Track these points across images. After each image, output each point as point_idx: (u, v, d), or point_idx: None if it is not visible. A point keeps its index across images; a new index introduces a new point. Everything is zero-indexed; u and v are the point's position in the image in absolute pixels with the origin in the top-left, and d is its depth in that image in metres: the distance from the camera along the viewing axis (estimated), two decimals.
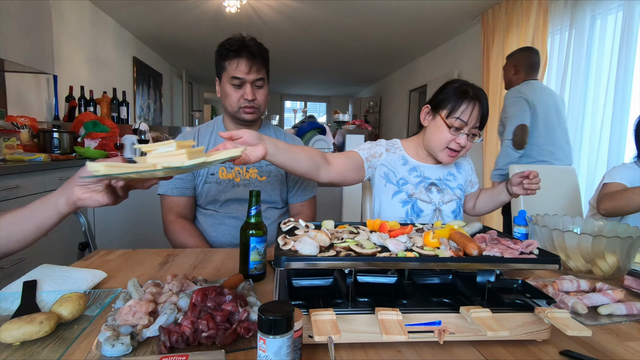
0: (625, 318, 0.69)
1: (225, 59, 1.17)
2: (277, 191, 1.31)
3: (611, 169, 1.49)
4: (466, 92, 1.11)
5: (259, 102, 1.22)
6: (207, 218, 1.29)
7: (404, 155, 1.26)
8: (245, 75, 1.16)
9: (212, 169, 1.26)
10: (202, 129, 1.33)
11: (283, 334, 0.42)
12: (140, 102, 4.85)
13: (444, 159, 1.15)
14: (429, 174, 1.25)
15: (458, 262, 0.58)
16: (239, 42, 1.15)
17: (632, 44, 2.24)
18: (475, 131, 1.13)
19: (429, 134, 1.18)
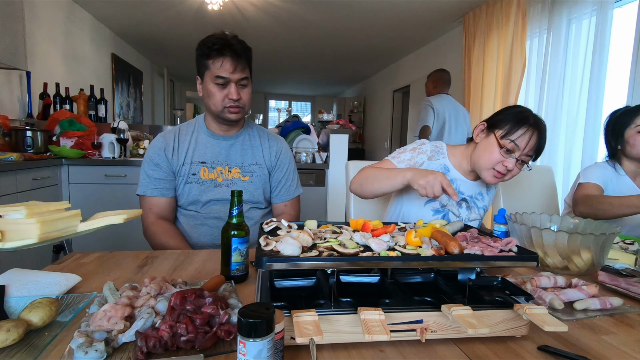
0: (600, 312, 0.71)
1: (208, 58, 1.13)
2: (260, 191, 1.30)
3: (585, 168, 1.54)
4: (527, 118, 1.10)
5: (244, 101, 1.20)
6: (188, 219, 1.26)
7: (446, 165, 1.25)
8: (230, 75, 1.13)
9: (194, 169, 1.23)
10: (184, 128, 1.30)
11: (263, 337, 0.42)
12: (120, 100, 4.72)
13: (489, 178, 1.14)
14: (464, 189, 1.25)
15: (440, 261, 0.59)
16: (222, 41, 1.12)
17: (604, 47, 2.33)
18: (526, 159, 1.11)
19: (479, 151, 1.16)
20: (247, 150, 1.30)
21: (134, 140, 3.05)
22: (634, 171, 1.49)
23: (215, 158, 1.25)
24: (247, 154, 1.29)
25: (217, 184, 1.24)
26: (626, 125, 1.47)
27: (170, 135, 1.27)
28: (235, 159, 1.27)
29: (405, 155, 1.24)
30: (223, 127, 1.27)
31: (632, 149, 1.44)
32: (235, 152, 1.28)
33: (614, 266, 0.95)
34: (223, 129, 1.27)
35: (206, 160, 1.25)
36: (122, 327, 0.56)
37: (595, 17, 2.39)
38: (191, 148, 1.25)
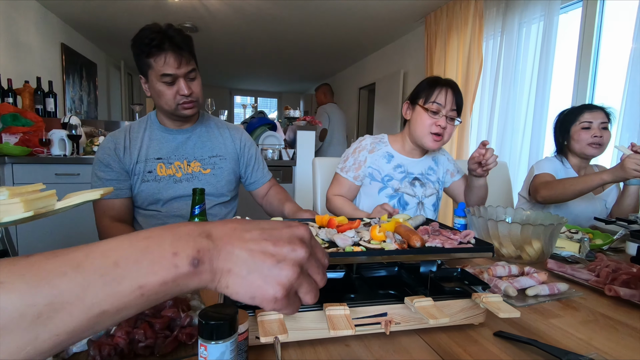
0: (549, 297, 0.76)
1: (149, 56, 1.06)
2: (224, 183, 1.26)
3: (538, 162, 1.65)
4: (437, 80, 1.26)
5: (196, 94, 1.15)
6: (148, 219, 1.20)
7: (389, 152, 1.36)
8: (176, 71, 1.07)
9: (150, 166, 1.17)
10: (134, 126, 1.24)
11: (226, 339, 0.40)
12: (71, 94, 4.41)
13: (430, 144, 1.25)
14: (413, 169, 1.35)
15: (402, 255, 0.60)
16: (159, 35, 1.04)
17: (551, 50, 2.49)
18: (452, 114, 1.23)
19: (413, 124, 1.28)
20: (205, 143, 1.26)
21: (88, 136, 2.86)
22: (578, 165, 1.62)
23: (172, 153, 1.21)
24: (206, 147, 1.25)
25: (176, 179, 1.19)
26: (572, 123, 1.59)
27: (120, 134, 1.21)
28: (194, 153, 1.23)
29: (349, 162, 1.34)
30: (177, 122, 1.23)
31: (576, 144, 1.56)
32: (192, 146, 1.24)
33: (561, 254, 1.03)
34: (177, 124, 1.23)
35: (162, 156, 1.20)
36: None
37: (543, 22, 2.55)
38: (144, 145, 1.19)
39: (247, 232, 0.33)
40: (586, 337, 0.62)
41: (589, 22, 2.38)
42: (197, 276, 0.31)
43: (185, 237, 0.31)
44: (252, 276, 0.32)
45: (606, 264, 0.86)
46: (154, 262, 0.30)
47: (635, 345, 0.60)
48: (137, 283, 0.29)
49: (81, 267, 0.28)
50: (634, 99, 2.01)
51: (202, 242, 0.31)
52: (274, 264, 0.32)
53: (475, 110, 3.20)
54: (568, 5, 2.53)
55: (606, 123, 1.54)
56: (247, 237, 0.33)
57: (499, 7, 2.94)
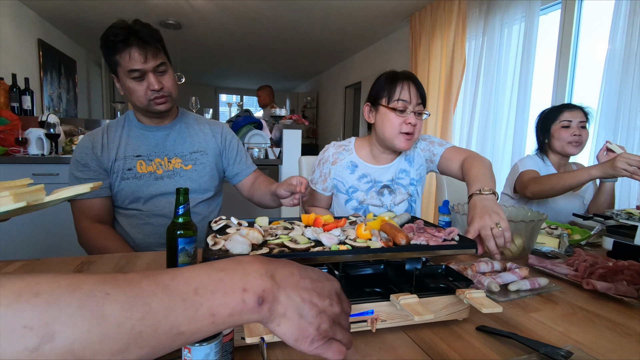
0: (530, 292, 0.78)
1: (115, 53, 1.04)
2: (206, 178, 1.24)
3: (521, 159, 1.68)
4: (395, 75, 1.16)
5: (168, 88, 1.12)
6: (129, 219, 1.17)
7: (353, 161, 1.27)
8: (143, 65, 1.05)
9: (129, 164, 1.15)
10: (112, 124, 1.21)
11: (210, 341, 0.40)
12: (49, 92, 4.27)
13: (402, 144, 1.15)
14: (381, 177, 1.26)
15: (388, 252, 0.60)
16: (124, 31, 1.03)
17: (532, 50, 2.55)
18: (419, 108, 1.15)
19: (379, 127, 1.19)
20: (185, 139, 1.24)
21: (67, 135, 2.78)
22: (558, 162, 1.66)
23: (152, 150, 1.18)
24: (186, 143, 1.23)
25: (157, 176, 1.17)
26: (552, 122, 1.63)
27: (98, 133, 1.18)
28: (174, 149, 1.21)
29: (316, 174, 1.31)
30: (155, 119, 1.20)
31: (557, 142, 1.61)
32: (172, 142, 1.21)
33: (541, 249, 1.05)
34: (155, 121, 1.21)
35: (141, 153, 1.17)
36: None
37: (524, 23, 2.61)
38: (123, 143, 1.17)
39: (302, 279, 0.38)
40: (565, 330, 0.64)
41: (567, 23, 2.45)
42: (259, 313, 0.34)
43: (254, 274, 0.35)
44: (300, 321, 0.36)
45: (584, 258, 0.89)
46: (226, 294, 0.33)
47: (611, 337, 0.62)
48: (210, 311, 0.32)
49: (168, 290, 0.31)
50: (609, 98, 2.08)
51: (267, 283, 0.35)
52: (317, 313, 0.37)
53: (458, 110, 3.25)
54: (548, 6, 2.60)
55: (584, 122, 1.59)
56: (301, 285, 0.37)
57: (482, 7, 2.99)
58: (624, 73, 2.00)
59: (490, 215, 0.81)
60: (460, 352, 0.56)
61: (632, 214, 1.01)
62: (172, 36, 4.57)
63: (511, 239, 0.80)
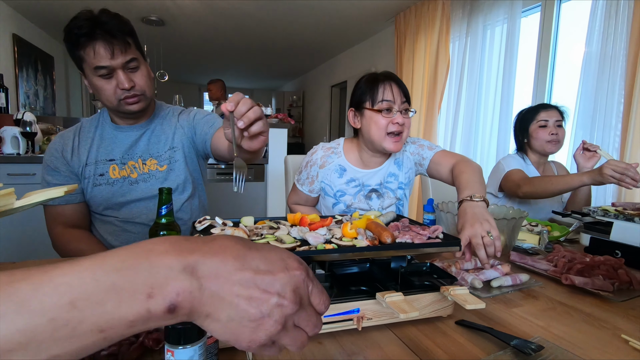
0: (511, 288, 0.80)
1: (79, 47, 0.94)
2: (186, 173, 1.15)
3: (504, 158, 1.71)
4: (375, 77, 1.14)
5: (141, 87, 1.02)
6: (105, 225, 1.12)
7: (341, 164, 1.24)
8: (111, 62, 0.94)
9: (101, 169, 1.08)
10: (86, 124, 1.13)
11: (194, 343, 0.39)
12: (25, 89, 4.13)
13: (391, 146, 1.13)
14: (369, 181, 1.24)
15: (373, 251, 0.61)
16: (88, 22, 0.92)
17: (514, 52, 2.61)
18: (405, 106, 1.13)
19: (366, 131, 1.16)
20: (160, 137, 1.14)
21: (45, 134, 2.69)
22: (537, 161, 1.71)
23: (125, 152, 1.11)
24: (161, 141, 1.14)
25: (131, 180, 1.10)
26: (530, 122, 1.67)
27: (70, 134, 1.11)
28: (149, 150, 1.13)
29: (303, 175, 1.29)
30: (128, 120, 1.11)
31: (535, 141, 1.65)
32: (146, 142, 1.13)
33: (522, 246, 1.08)
34: (129, 121, 1.12)
35: (114, 157, 1.10)
36: None
37: (506, 24, 2.67)
38: (95, 145, 1.10)
39: (239, 271, 0.28)
40: (545, 324, 0.66)
41: (546, 26, 2.51)
42: (172, 319, 0.27)
43: (165, 271, 0.26)
44: (230, 324, 0.28)
45: (563, 254, 0.92)
46: (121, 304, 0.25)
47: (588, 330, 0.64)
48: (98, 327, 0.24)
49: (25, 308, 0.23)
50: (586, 99, 2.15)
51: (185, 282, 0.26)
52: (256, 318, 0.28)
53: (442, 110, 3.30)
54: (529, 9, 2.66)
55: (560, 121, 1.63)
56: (236, 279, 0.28)
57: (465, 9, 3.04)
58: (599, 75, 2.07)
59: (482, 223, 0.81)
60: (445, 348, 0.57)
61: (607, 211, 1.05)
62: (155, 33, 4.47)
63: (501, 249, 0.80)
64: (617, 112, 1.99)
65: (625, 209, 1.07)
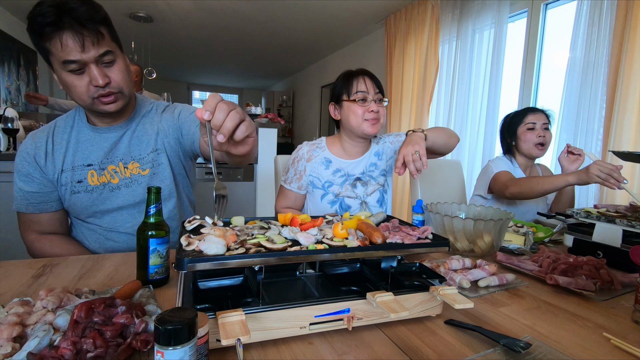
0: (498, 288, 0.82)
1: (44, 39, 0.83)
2: (168, 181, 1.07)
3: (493, 160, 1.73)
4: (350, 72, 1.30)
5: (117, 83, 0.92)
6: (89, 232, 1.06)
7: (327, 157, 1.34)
8: (81, 55, 0.84)
9: (78, 175, 0.99)
10: (60, 123, 1.03)
11: (184, 344, 0.39)
12: (7, 84, 4.01)
13: (369, 130, 1.25)
14: (353, 171, 1.34)
15: (364, 251, 0.61)
16: (54, 10, 0.80)
17: (501, 56, 2.66)
18: (378, 96, 1.26)
19: (345, 120, 1.29)
20: (142, 138, 1.05)
21: (27, 131, 2.61)
22: (525, 164, 1.74)
23: (104, 156, 1.01)
24: (143, 143, 1.05)
25: (112, 186, 1.01)
26: (518, 125, 1.71)
27: (42, 136, 1.00)
28: (131, 152, 1.03)
29: (290, 172, 1.34)
30: (106, 119, 1.01)
31: (523, 144, 1.69)
32: (126, 144, 1.03)
33: (508, 247, 1.10)
34: (107, 121, 1.02)
35: (92, 161, 1.00)
36: (9, 349, 0.47)
37: (494, 29, 2.72)
38: (71, 150, 1.00)
39: None
40: (530, 323, 0.67)
41: (532, 31, 2.57)
42: None
43: None
44: None
45: (547, 255, 0.94)
46: None
47: (572, 328, 0.66)
48: None
49: None
50: (570, 103, 2.20)
51: None
52: None
53: (432, 111, 3.34)
54: (516, 14, 2.72)
55: (547, 124, 1.67)
56: None
57: (454, 12, 3.08)
58: (583, 80, 2.13)
59: (413, 145, 1.03)
60: (434, 347, 0.57)
61: (590, 212, 1.08)
62: (144, 29, 4.40)
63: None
64: (600, 116, 2.05)
65: (607, 211, 1.10)
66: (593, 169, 1.27)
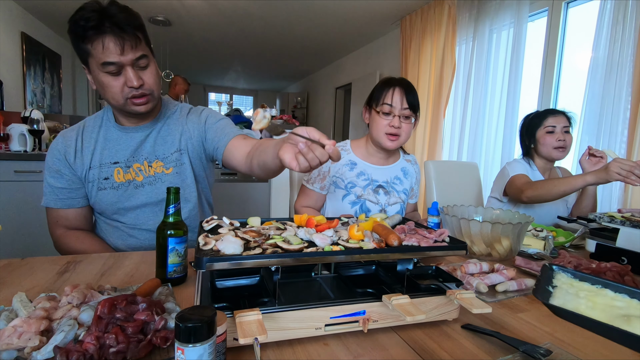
0: (517, 293, 0.80)
1: (85, 41, 0.88)
2: (189, 181, 1.11)
3: (509, 163, 1.70)
4: (389, 81, 1.28)
5: (150, 85, 0.97)
6: (112, 229, 1.10)
7: (352, 159, 1.36)
8: (120, 58, 0.90)
9: (105, 172, 1.04)
10: (89, 123, 1.09)
11: (204, 341, 0.39)
12: (33, 87, 4.16)
13: (387, 143, 1.27)
14: (377, 177, 1.36)
15: (380, 253, 0.61)
16: (96, 15, 0.86)
17: (520, 56, 2.60)
18: (405, 112, 1.24)
19: (371, 128, 1.32)
20: (166, 138, 1.10)
21: (51, 132, 2.71)
22: (544, 167, 1.70)
23: (130, 155, 1.07)
24: (167, 142, 1.10)
25: (137, 184, 1.06)
26: (537, 127, 1.67)
27: (72, 134, 1.06)
28: (155, 151, 1.09)
29: (314, 173, 1.34)
30: (133, 119, 1.07)
31: (542, 147, 1.64)
32: (152, 144, 1.09)
33: (527, 251, 1.08)
34: (134, 121, 1.08)
35: (119, 159, 1.06)
36: (36, 343, 0.49)
37: (513, 29, 2.66)
38: (99, 148, 1.06)
39: None
40: (550, 330, 0.65)
41: (553, 30, 2.51)
42: None
43: None
44: None
45: (568, 260, 0.91)
46: None
47: (592, 335, 0.64)
48: None
49: None
50: (592, 104, 2.14)
51: None
52: None
53: (448, 113, 3.29)
54: (535, 13, 2.66)
55: (568, 127, 1.63)
56: None
57: (471, 12, 3.04)
58: (606, 81, 2.06)
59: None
60: (451, 352, 0.57)
61: (614, 217, 1.04)
62: (162, 33, 4.50)
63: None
64: (624, 118, 1.98)
65: (632, 216, 1.07)
66: (613, 167, 1.22)
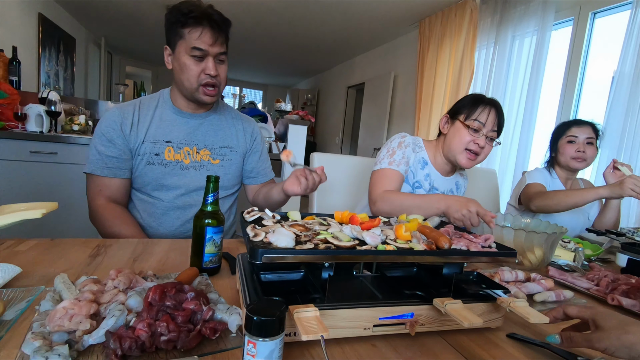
0: (555, 304, 0.78)
1: (184, 26, 1.01)
2: (231, 176, 1.21)
3: (529, 171, 1.69)
4: (482, 98, 1.22)
5: (221, 79, 1.10)
6: (147, 206, 1.13)
7: (424, 158, 1.33)
8: (209, 47, 1.03)
9: (157, 148, 1.10)
10: (145, 101, 1.15)
11: (275, 336, 0.38)
12: (47, 68, 4.15)
13: (463, 161, 1.22)
14: (438, 185, 1.33)
15: (435, 256, 0.59)
16: (199, 9, 1.02)
17: (541, 64, 2.58)
18: (492, 134, 1.21)
19: (449, 138, 1.26)
20: (217, 132, 1.20)
21: (67, 114, 2.70)
22: (565, 177, 1.68)
23: (183, 137, 1.14)
24: (218, 136, 1.20)
25: (183, 165, 1.12)
26: (560, 136, 1.65)
27: (129, 108, 1.11)
28: (205, 140, 1.17)
29: (397, 155, 1.28)
30: (192, 105, 1.15)
31: (561, 156, 1.63)
32: (204, 132, 1.17)
33: (557, 262, 1.06)
34: (192, 107, 1.16)
35: (172, 139, 1.12)
36: (87, 326, 0.48)
37: (536, 36, 2.64)
38: (154, 125, 1.12)
39: None
40: None
41: (578, 41, 2.48)
42: None
43: None
44: None
45: (604, 274, 0.90)
46: None
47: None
48: None
49: None
50: (615, 118, 2.11)
51: None
52: None
53: None
54: (560, 22, 2.63)
55: (592, 139, 1.60)
56: None
57: (494, 18, 3.01)
58: (631, 95, 2.04)
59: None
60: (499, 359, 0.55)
61: None
62: None
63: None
64: None
65: None
66: (628, 183, 1.25)
